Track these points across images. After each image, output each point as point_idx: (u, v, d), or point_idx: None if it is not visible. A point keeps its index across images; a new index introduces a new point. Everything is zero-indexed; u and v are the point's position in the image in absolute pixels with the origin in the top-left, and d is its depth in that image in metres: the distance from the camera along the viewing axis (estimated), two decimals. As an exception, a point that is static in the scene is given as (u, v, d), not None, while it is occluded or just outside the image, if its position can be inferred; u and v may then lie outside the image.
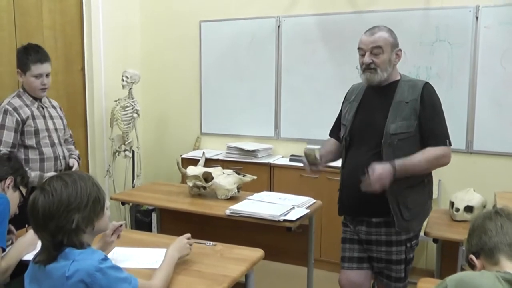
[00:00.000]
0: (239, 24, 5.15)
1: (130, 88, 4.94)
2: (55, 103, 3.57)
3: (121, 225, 2.47)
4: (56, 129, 3.43)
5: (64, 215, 1.75)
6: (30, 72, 3.24)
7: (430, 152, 2.62)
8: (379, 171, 2.52)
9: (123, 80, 4.88)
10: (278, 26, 4.96)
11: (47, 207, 1.75)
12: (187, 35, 5.44)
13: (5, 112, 3.19)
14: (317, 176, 2.87)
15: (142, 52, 5.67)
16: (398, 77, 2.77)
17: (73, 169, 3.52)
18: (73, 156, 3.62)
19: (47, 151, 3.34)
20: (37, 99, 3.35)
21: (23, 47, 3.33)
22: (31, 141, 3.27)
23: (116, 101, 4.94)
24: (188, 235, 2.45)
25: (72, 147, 3.71)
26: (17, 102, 3.25)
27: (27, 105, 3.28)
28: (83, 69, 4.93)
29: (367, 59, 2.70)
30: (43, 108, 3.38)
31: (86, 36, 4.91)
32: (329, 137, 3.11)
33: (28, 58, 3.24)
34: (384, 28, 2.74)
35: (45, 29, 4.49)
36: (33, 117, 3.28)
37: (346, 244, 2.90)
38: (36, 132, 3.28)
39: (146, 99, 5.63)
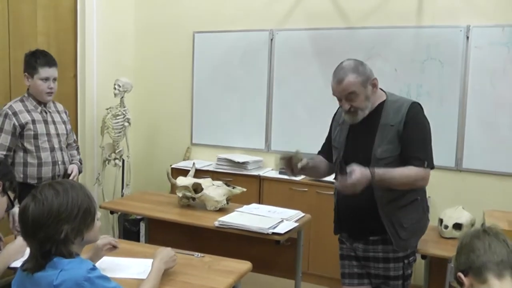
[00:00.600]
0: (232, 36, 5.17)
1: (122, 97, 4.93)
2: (60, 107, 3.59)
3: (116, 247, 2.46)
4: (58, 134, 3.45)
5: (54, 225, 1.74)
6: (37, 75, 3.28)
7: (411, 170, 2.55)
8: (357, 177, 2.44)
9: (115, 88, 4.87)
10: (271, 39, 4.98)
11: (37, 215, 1.74)
12: (181, 45, 5.45)
13: (5, 115, 3.24)
14: (299, 178, 2.79)
15: (135, 61, 5.67)
16: (383, 98, 2.71)
17: (72, 176, 3.52)
18: (74, 161, 3.62)
19: (46, 155, 3.35)
20: (41, 103, 3.37)
21: (31, 51, 3.37)
22: (30, 145, 3.29)
23: (107, 109, 4.93)
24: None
25: (75, 152, 3.73)
26: (18, 106, 3.28)
27: (28, 111, 3.30)
28: (75, 76, 4.93)
29: (345, 106, 2.64)
30: (46, 113, 3.40)
31: (79, 44, 4.92)
32: (318, 155, 3.06)
33: (37, 62, 3.28)
34: (349, 69, 2.62)
35: (39, 35, 4.50)
36: (33, 122, 3.30)
37: (345, 261, 2.87)
38: (35, 137, 3.30)
39: (138, 108, 5.62)
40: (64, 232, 1.75)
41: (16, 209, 3.10)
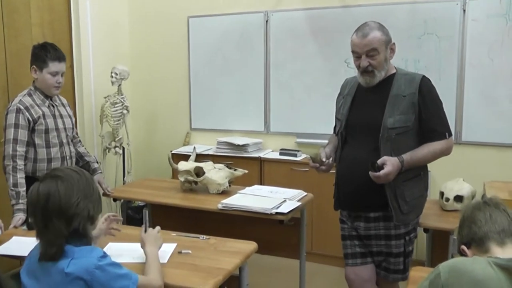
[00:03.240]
0: (227, 20, 5.15)
1: (120, 85, 4.93)
2: (64, 100, 3.54)
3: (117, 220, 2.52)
4: (65, 128, 3.40)
5: (82, 201, 1.80)
6: (47, 69, 3.22)
7: (436, 146, 2.64)
8: (390, 169, 2.52)
9: (112, 76, 4.87)
10: (267, 21, 4.97)
11: (68, 193, 1.78)
12: (176, 30, 5.43)
13: (18, 111, 3.15)
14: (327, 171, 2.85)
15: (131, 48, 5.66)
16: (394, 71, 2.74)
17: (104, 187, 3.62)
18: (98, 172, 3.65)
19: (55, 151, 3.31)
20: (48, 97, 3.32)
21: (40, 44, 3.30)
22: (40, 140, 3.24)
23: (105, 97, 4.93)
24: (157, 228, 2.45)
25: (85, 150, 3.70)
26: (28, 101, 3.22)
27: (38, 105, 3.25)
28: (71, 66, 4.91)
29: (364, 62, 2.64)
30: (53, 106, 3.35)
31: (74, 34, 4.90)
32: (334, 134, 3.06)
33: (47, 55, 3.21)
34: (374, 26, 2.66)
35: (34, 26, 4.47)
36: (44, 117, 3.25)
37: (346, 241, 2.89)
38: (46, 131, 3.25)
39: (136, 95, 5.62)
40: (89, 210, 1.82)
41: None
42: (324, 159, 2.81)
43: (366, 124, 2.70)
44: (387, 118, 2.62)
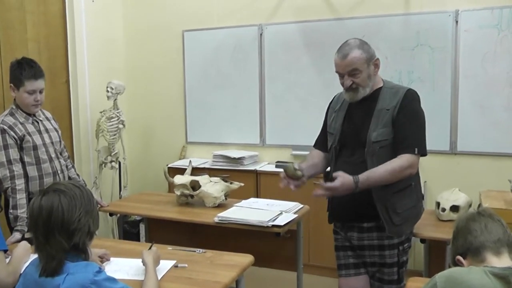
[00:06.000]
0: (222, 33, 5.18)
1: (115, 99, 4.93)
2: (48, 114, 3.45)
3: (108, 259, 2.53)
4: (52, 143, 3.32)
5: (83, 216, 1.80)
6: (23, 88, 3.12)
7: (394, 164, 2.58)
8: (336, 185, 2.52)
9: (108, 91, 4.87)
10: (261, 34, 4.99)
11: (71, 208, 1.78)
12: (171, 44, 5.46)
13: (2, 131, 3.07)
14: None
15: (126, 63, 5.67)
16: (381, 84, 2.75)
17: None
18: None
19: (46, 167, 3.24)
20: (31, 114, 3.24)
21: (17, 61, 3.20)
22: (30, 158, 3.16)
23: (101, 112, 4.93)
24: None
25: (75, 174, 3.57)
26: (10, 120, 3.14)
27: (21, 123, 3.16)
28: (67, 81, 4.92)
29: (347, 82, 2.66)
30: (37, 122, 3.28)
31: (70, 48, 4.91)
32: (313, 148, 3.07)
33: (22, 74, 3.11)
34: (354, 45, 2.65)
35: (29, 41, 4.49)
36: (29, 134, 3.17)
37: (339, 252, 2.89)
38: (35, 148, 3.18)
39: (131, 109, 5.63)
40: (89, 225, 1.82)
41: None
42: (298, 173, 2.76)
43: (355, 138, 2.72)
44: (372, 132, 2.65)
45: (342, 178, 2.54)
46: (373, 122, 2.66)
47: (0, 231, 2.31)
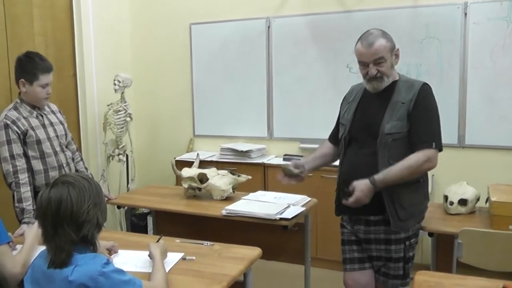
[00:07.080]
0: (229, 26, 5.17)
1: (122, 92, 4.94)
2: (54, 107, 3.44)
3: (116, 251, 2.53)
4: (57, 136, 3.31)
5: (92, 208, 1.81)
6: (37, 82, 3.12)
7: (411, 160, 2.58)
8: (358, 195, 2.56)
9: (115, 84, 4.88)
10: (268, 27, 4.98)
11: (80, 200, 1.79)
12: (178, 37, 5.45)
13: (5, 126, 3.07)
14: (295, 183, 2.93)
15: (134, 56, 5.68)
16: (397, 77, 2.74)
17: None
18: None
19: (51, 160, 3.23)
20: (35, 107, 3.23)
21: (26, 55, 3.18)
22: (34, 152, 3.16)
23: (108, 105, 4.95)
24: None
25: (83, 167, 3.58)
26: (14, 114, 3.13)
27: (25, 117, 3.16)
28: (74, 75, 4.93)
29: (372, 71, 2.65)
30: (42, 116, 3.27)
31: (77, 42, 4.92)
32: (326, 141, 3.09)
33: (37, 68, 3.12)
34: (378, 34, 2.66)
35: (36, 36, 4.50)
36: (33, 128, 3.16)
37: (345, 246, 2.90)
38: (38, 142, 3.17)
39: (139, 102, 5.64)
40: (98, 217, 1.83)
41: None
42: (295, 171, 2.88)
43: (367, 129, 2.72)
44: (385, 123, 2.64)
45: (359, 186, 2.57)
46: (387, 114, 2.65)
47: (1, 223, 2.32)
